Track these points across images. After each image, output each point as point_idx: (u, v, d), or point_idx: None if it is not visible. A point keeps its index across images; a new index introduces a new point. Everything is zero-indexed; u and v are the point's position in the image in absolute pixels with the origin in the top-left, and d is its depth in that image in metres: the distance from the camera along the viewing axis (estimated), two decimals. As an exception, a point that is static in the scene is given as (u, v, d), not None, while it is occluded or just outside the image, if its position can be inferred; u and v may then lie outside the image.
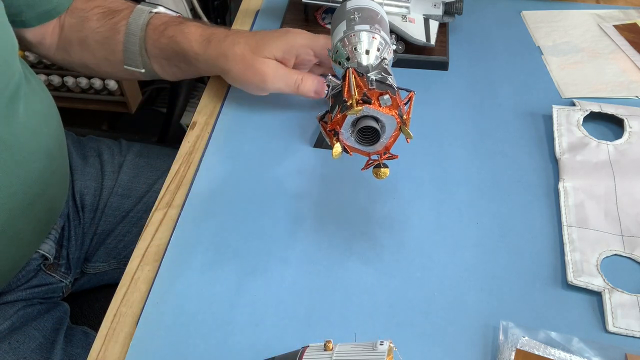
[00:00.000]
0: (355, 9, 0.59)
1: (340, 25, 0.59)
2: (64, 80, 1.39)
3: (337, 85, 0.53)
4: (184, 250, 0.61)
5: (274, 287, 0.57)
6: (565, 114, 0.72)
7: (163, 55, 0.75)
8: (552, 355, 0.50)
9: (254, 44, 0.70)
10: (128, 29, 0.74)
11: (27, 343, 0.72)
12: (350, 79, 0.50)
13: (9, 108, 0.66)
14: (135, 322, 0.55)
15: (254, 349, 0.53)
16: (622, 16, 0.88)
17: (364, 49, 0.55)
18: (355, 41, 0.56)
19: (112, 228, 0.86)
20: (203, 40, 0.72)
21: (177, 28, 0.73)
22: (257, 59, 0.70)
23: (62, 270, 0.82)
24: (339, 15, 0.61)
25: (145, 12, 0.75)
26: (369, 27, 0.57)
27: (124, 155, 0.90)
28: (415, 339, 0.53)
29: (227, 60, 0.71)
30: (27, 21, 0.75)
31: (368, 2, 0.61)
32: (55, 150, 0.75)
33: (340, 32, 0.58)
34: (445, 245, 0.60)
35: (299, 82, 0.70)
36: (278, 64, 0.70)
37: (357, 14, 0.58)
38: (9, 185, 0.67)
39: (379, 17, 0.60)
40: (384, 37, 0.57)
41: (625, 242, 0.59)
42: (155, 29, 0.74)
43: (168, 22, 0.74)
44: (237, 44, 0.70)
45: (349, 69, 0.51)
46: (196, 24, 0.74)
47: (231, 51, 0.70)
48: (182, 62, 0.74)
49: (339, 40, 0.57)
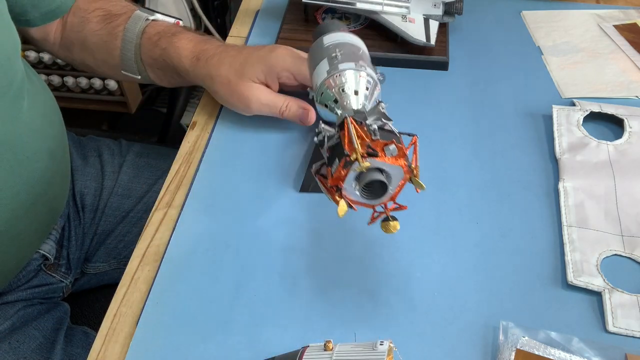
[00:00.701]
0: (334, 45, 0.57)
1: (321, 65, 0.56)
2: (64, 80, 1.39)
3: (332, 134, 0.50)
4: (184, 250, 0.61)
5: (274, 287, 0.57)
6: (565, 114, 0.72)
7: (157, 65, 0.75)
8: (552, 355, 0.50)
9: (237, 65, 0.68)
10: (125, 35, 0.74)
11: (28, 343, 0.72)
12: (350, 129, 0.47)
13: (12, 107, 0.66)
14: (135, 322, 0.55)
15: (254, 349, 0.53)
16: (622, 16, 0.88)
17: (352, 90, 0.52)
18: (342, 82, 0.53)
19: (112, 228, 0.86)
20: (192, 57, 0.71)
21: (169, 40, 0.72)
22: (241, 82, 0.68)
23: (63, 271, 0.82)
24: (317, 52, 0.58)
25: (142, 19, 0.74)
26: (354, 65, 0.54)
27: (124, 155, 0.90)
28: (415, 339, 0.53)
29: (213, 82, 0.70)
30: (31, 20, 0.75)
31: (347, 37, 0.59)
32: (57, 150, 0.75)
33: (323, 72, 0.55)
34: (445, 245, 0.60)
35: (283, 109, 0.69)
36: (262, 89, 0.69)
37: (339, 51, 0.56)
38: (12, 185, 0.67)
39: (361, 52, 0.57)
40: (370, 75, 0.54)
41: (625, 242, 0.59)
42: (150, 39, 0.73)
43: (162, 32, 0.73)
44: (222, 64, 0.69)
45: (347, 118, 0.48)
46: (189, 36, 0.73)
47: (216, 72, 0.69)
48: (174, 74, 0.74)
49: (322, 81, 0.54)
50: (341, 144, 0.47)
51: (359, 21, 0.86)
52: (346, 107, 0.52)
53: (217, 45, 0.72)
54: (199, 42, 0.72)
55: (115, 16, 0.76)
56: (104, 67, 0.80)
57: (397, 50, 0.81)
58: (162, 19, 0.76)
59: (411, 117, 0.74)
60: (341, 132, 0.48)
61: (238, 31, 0.90)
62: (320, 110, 0.56)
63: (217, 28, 1.49)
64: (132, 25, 0.74)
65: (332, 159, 0.48)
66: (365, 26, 0.86)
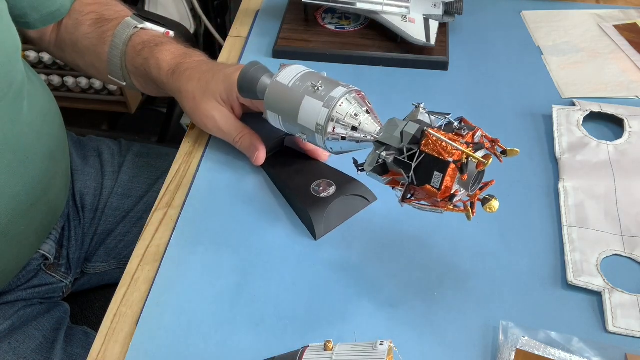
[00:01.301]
0: (301, 80, 0.56)
1: (306, 104, 0.54)
2: (64, 80, 1.39)
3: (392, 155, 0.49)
4: (184, 250, 0.61)
5: (274, 287, 0.57)
6: (565, 114, 0.72)
7: (139, 74, 0.74)
8: (552, 355, 0.50)
9: (204, 82, 0.67)
10: (113, 41, 0.74)
11: (27, 343, 0.72)
12: (441, 137, 0.46)
13: (12, 108, 0.66)
14: (135, 322, 0.55)
15: (254, 349, 0.53)
16: (622, 16, 0.88)
17: (364, 110, 0.53)
18: (349, 107, 0.53)
19: (112, 228, 0.86)
20: (169, 70, 0.70)
21: (151, 51, 0.72)
22: (204, 100, 0.66)
23: (63, 270, 0.82)
24: (284, 96, 0.56)
25: (130, 26, 0.74)
26: (343, 88, 0.54)
27: (124, 155, 0.90)
28: (415, 339, 0.53)
29: (181, 97, 0.69)
30: (31, 23, 0.75)
31: (300, 68, 0.58)
32: (57, 150, 0.75)
33: (317, 108, 0.53)
34: (446, 245, 0.60)
35: (236, 140, 0.66)
36: (223, 112, 0.67)
37: (317, 83, 0.54)
38: (12, 186, 0.67)
39: (324, 74, 0.57)
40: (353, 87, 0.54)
41: (625, 242, 0.59)
42: (134, 47, 0.73)
43: (146, 42, 0.73)
44: (191, 80, 0.67)
45: (426, 130, 0.47)
46: (171, 48, 0.72)
47: (185, 87, 0.68)
48: (154, 84, 0.74)
49: (325, 116, 0.53)
50: (430, 157, 0.47)
51: (359, 21, 0.87)
52: (365, 128, 0.52)
53: (195, 59, 0.71)
54: (179, 55, 0.71)
55: (106, 21, 0.76)
56: (92, 69, 0.80)
57: (397, 50, 0.81)
58: (151, 27, 0.75)
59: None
60: (423, 147, 0.48)
61: (238, 31, 0.90)
62: (332, 144, 0.55)
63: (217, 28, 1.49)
64: (121, 31, 0.74)
65: (426, 175, 0.47)
66: (365, 26, 0.86)
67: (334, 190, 0.62)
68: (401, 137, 0.49)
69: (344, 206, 0.62)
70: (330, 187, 0.62)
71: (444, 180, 0.46)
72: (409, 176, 0.48)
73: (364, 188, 0.63)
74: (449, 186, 0.47)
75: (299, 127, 0.56)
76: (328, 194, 0.62)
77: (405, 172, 0.49)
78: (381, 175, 0.52)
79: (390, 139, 0.50)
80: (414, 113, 0.52)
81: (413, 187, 0.49)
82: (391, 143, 0.50)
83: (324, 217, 0.60)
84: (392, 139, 0.50)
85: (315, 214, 0.60)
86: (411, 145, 0.49)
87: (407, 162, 0.48)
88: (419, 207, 0.50)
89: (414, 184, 0.48)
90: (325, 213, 0.60)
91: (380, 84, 0.79)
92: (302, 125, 0.56)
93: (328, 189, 0.62)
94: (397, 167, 0.50)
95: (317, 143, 0.56)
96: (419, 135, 0.48)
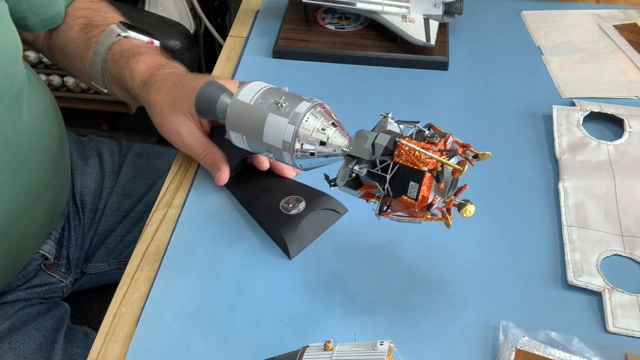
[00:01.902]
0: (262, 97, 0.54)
1: (271, 121, 0.52)
2: (64, 80, 1.39)
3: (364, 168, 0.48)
4: (184, 250, 0.60)
5: (274, 287, 0.57)
6: (565, 114, 0.72)
7: (116, 83, 0.74)
8: (552, 355, 0.50)
9: (172, 95, 0.65)
10: (96, 48, 0.73)
11: (27, 343, 0.72)
12: (413, 147, 0.46)
13: (13, 109, 0.66)
14: (135, 322, 0.55)
15: (254, 349, 0.53)
16: (622, 16, 0.88)
17: (329, 123, 0.51)
18: (314, 122, 0.51)
19: (112, 228, 0.86)
20: (141, 81, 0.69)
21: (127, 61, 0.71)
22: (171, 114, 0.65)
23: (62, 270, 0.82)
24: (247, 113, 0.54)
25: (113, 34, 0.73)
26: (307, 102, 0.52)
27: (124, 155, 0.90)
28: (415, 339, 0.53)
29: (150, 109, 0.67)
30: (31, 26, 0.74)
31: (260, 84, 0.56)
32: (57, 150, 0.75)
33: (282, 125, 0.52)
34: (445, 245, 0.60)
35: (200, 157, 0.65)
36: (190, 127, 0.65)
37: (280, 99, 0.53)
38: (12, 186, 0.67)
39: (286, 89, 0.55)
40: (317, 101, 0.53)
41: (625, 242, 0.59)
42: (113, 56, 0.72)
43: (124, 51, 0.72)
44: (160, 92, 0.66)
45: (398, 141, 0.47)
46: (147, 59, 0.71)
47: (153, 100, 0.66)
48: (129, 94, 0.73)
49: (292, 133, 0.51)
50: (404, 167, 0.46)
51: (359, 21, 0.87)
52: (334, 142, 0.51)
53: (167, 71, 0.69)
54: (152, 67, 0.70)
55: (93, 27, 0.75)
56: (78, 74, 0.80)
57: (397, 50, 0.81)
58: (134, 36, 0.74)
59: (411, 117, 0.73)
60: (396, 158, 0.47)
61: (238, 31, 0.90)
62: (301, 161, 0.53)
63: (217, 28, 1.49)
64: (104, 39, 0.73)
65: (402, 186, 0.47)
66: (365, 26, 0.86)
67: (303, 206, 0.60)
68: (373, 150, 0.48)
69: (316, 221, 0.60)
70: (300, 203, 0.60)
71: (421, 190, 0.46)
72: (384, 188, 0.48)
73: (334, 201, 0.62)
74: (426, 195, 0.46)
75: (265, 146, 0.54)
76: (298, 210, 0.60)
77: (380, 184, 0.48)
78: (355, 189, 0.51)
79: (361, 151, 0.49)
80: (383, 123, 0.51)
81: (389, 199, 0.48)
82: (362, 156, 0.49)
83: (296, 236, 0.59)
84: (363, 152, 0.49)
85: (288, 233, 0.58)
86: (384, 157, 0.48)
87: (381, 174, 0.47)
88: (397, 219, 0.50)
89: (390, 195, 0.48)
90: (298, 231, 0.58)
91: (380, 84, 0.79)
92: (268, 143, 0.54)
93: (297, 205, 0.60)
94: (371, 180, 0.49)
95: (285, 161, 0.54)
96: (391, 147, 0.48)
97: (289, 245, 0.58)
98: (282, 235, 0.58)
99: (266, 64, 0.83)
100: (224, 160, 0.64)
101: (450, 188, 0.48)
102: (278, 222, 0.59)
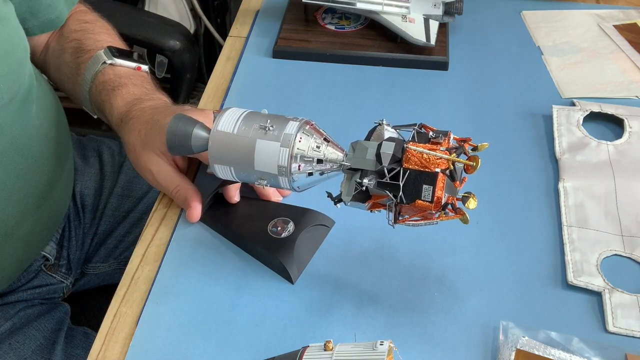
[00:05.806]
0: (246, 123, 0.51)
1: (261, 146, 0.50)
2: (64, 80, 1.39)
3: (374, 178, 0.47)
4: (184, 250, 0.61)
5: (274, 287, 0.57)
6: (565, 114, 0.72)
7: (102, 113, 0.73)
8: (552, 355, 0.50)
9: (144, 134, 0.63)
10: (84, 75, 0.73)
11: (28, 344, 0.72)
12: (421, 150, 0.46)
13: (21, 111, 0.66)
14: (135, 322, 0.55)
15: (254, 349, 0.53)
16: (622, 16, 0.88)
17: (322, 139, 0.50)
18: (308, 142, 0.49)
19: (112, 228, 0.86)
20: (118, 119, 0.67)
21: (107, 95, 0.69)
22: (143, 153, 0.63)
23: (63, 271, 0.82)
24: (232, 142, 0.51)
25: (99, 62, 0.71)
26: (294, 121, 0.50)
27: (124, 155, 0.90)
28: (415, 339, 0.53)
29: (125, 148, 0.66)
30: (30, 29, 0.74)
31: (239, 110, 0.53)
32: (62, 152, 0.75)
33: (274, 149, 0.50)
34: (445, 245, 0.60)
35: (173, 194, 0.63)
36: (161, 165, 0.63)
37: (266, 122, 0.51)
38: (21, 189, 0.67)
39: (265, 112, 0.53)
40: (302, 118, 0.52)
41: (625, 242, 0.59)
42: (97, 87, 0.71)
43: (106, 83, 0.70)
44: (132, 131, 0.64)
45: (405, 147, 0.47)
46: (126, 93, 0.69)
47: (127, 139, 0.65)
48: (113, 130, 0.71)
49: (286, 155, 0.49)
50: (416, 172, 0.46)
51: (359, 21, 0.87)
52: (330, 158, 0.50)
53: (143, 106, 0.67)
54: (130, 102, 0.68)
55: (84, 52, 0.74)
56: (70, 96, 0.79)
57: (397, 50, 0.81)
58: (120, 63, 0.72)
59: (411, 117, 0.73)
60: (405, 164, 0.46)
61: (238, 31, 0.90)
62: (298, 183, 0.51)
63: (217, 28, 1.49)
64: (90, 67, 0.72)
65: (415, 191, 0.46)
66: (365, 26, 0.86)
67: (292, 226, 0.59)
68: (377, 159, 0.47)
69: (308, 240, 0.59)
70: (288, 225, 0.59)
71: (435, 192, 0.46)
72: (397, 196, 0.47)
73: (321, 215, 0.61)
74: (440, 196, 0.46)
75: (257, 174, 0.52)
76: (289, 232, 0.58)
77: (392, 192, 0.47)
78: (363, 202, 0.50)
79: (363, 163, 0.48)
80: (379, 131, 0.50)
81: (400, 206, 0.48)
82: (366, 167, 0.48)
83: (294, 259, 0.57)
84: (366, 163, 0.48)
85: (285, 258, 0.56)
86: (392, 165, 0.47)
87: (393, 182, 0.47)
88: (413, 224, 0.49)
89: (404, 202, 0.47)
90: (295, 254, 0.57)
91: (380, 84, 0.79)
92: (261, 170, 0.51)
93: (286, 227, 0.59)
94: (380, 190, 0.48)
95: (281, 185, 0.52)
96: (398, 154, 0.47)
97: (289, 270, 0.56)
98: (280, 261, 0.56)
99: (266, 64, 0.83)
100: (196, 196, 0.62)
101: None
102: (272, 249, 0.57)
